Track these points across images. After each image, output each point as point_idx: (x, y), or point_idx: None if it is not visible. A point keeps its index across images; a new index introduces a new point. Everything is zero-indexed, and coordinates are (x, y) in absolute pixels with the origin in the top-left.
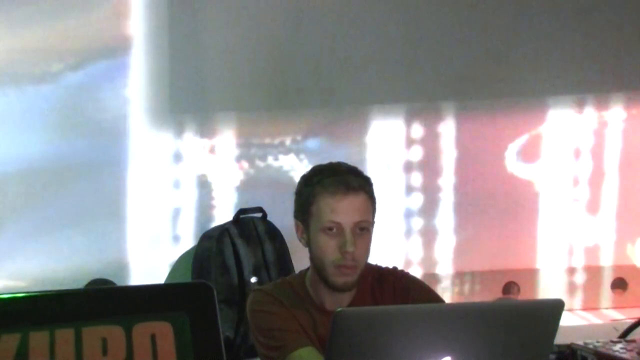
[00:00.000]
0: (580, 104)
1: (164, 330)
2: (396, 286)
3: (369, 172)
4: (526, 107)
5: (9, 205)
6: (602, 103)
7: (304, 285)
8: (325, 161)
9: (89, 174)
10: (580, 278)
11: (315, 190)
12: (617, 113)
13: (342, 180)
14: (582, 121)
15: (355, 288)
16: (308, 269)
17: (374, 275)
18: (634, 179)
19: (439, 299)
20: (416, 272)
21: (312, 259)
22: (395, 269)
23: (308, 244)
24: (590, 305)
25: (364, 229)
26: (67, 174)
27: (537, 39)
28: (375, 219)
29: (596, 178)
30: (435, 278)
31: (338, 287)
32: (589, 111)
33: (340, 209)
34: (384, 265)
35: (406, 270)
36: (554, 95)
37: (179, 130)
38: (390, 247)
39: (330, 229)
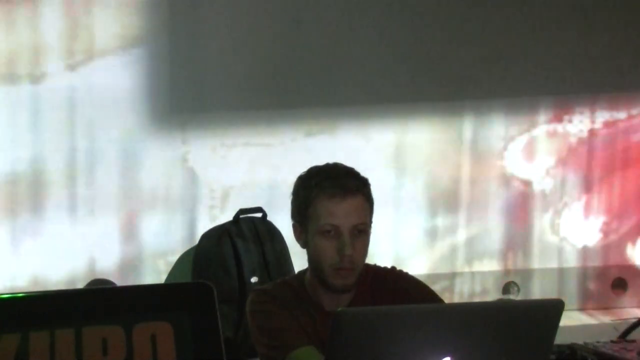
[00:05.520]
0: (581, 104)
1: (164, 330)
2: (395, 286)
3: (368, 172)
4: (526, 107)
5: (9, 204)
6: (603, 103)
7: (303, 286)
8: (325, 161)
9: (88, 174)
10: (580, 278)
11: (312, 193)
12: (617, 113)
13: (340, 182)
14: (583, 121)
15: (353, 289)
16: (307, 269)
17: (373, 276)
18: (634, 178)
19: (437, 299)
20: (416, 271)
21: (310, 260)
22: (393, 268)
23: (306, 245)
24: (591, 305)
25: (362, 230)
26: (67, 173)
27: (537, 39)
28: (373, 220)
29: (596, 177)
30: (435, 278)
31: (336, 289)
32: (590, 111)
33: (338, 212)
34: (381, 265)
35: (404, 270)
36: (554, 95)
37: (179, 130)
38: (391, 247)
39: (328, 231)
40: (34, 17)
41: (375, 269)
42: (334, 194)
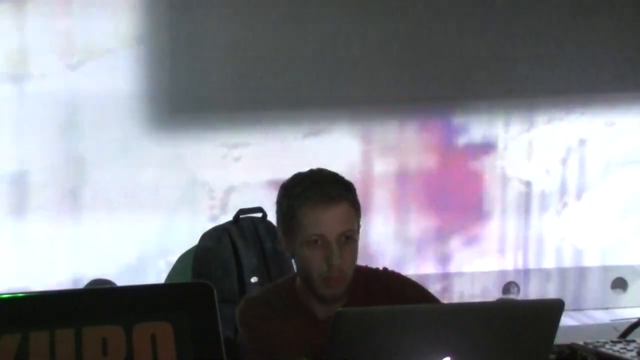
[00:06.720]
0: (582, 104)
1: (164, 331)
2: (389, 287)
3: (367, 172)
4: (526, 107)
5: (9, 204)
6: (602, 103)
7: (294, 294)
8: (325, 162)
9: (89, 174)
10: (579, 278)
11: (296, 203)
12: (618, 113)
13: (323, 190)
14: (583, 121)
15: (346, 294)
16: (297, 275)
17: (366, 278)
18: (635, 178)
19: (434, 299)
20: (416, 272)
21: (299, 270)
22: (385, 269)
23: (293, 256)
24: (591, 305)
25: (349, 237)
26: (67, 173)
27: (537, 39)
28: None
29: (596, 177)
30: (435, 278)
31: (326, 299)
32: (590, 111)
33: (323, 221)
34: (373, 266)
35: (397, 271)
36: (554, 95)
37: (179, 130)
38: (390, 247)
39: (315, 241)
40: (33, 16)
41: (367, 271)
42: (317, 203)
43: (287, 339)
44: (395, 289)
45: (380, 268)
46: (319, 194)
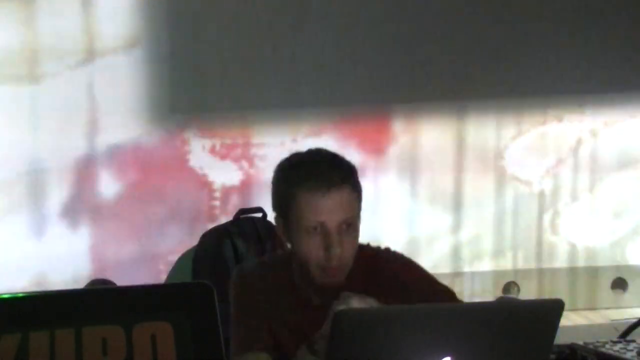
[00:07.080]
0: (581, 105)
1: (164, 331)
2: (391, 269)
3: (367, 171)
4: (526, 107)
5: (9, 204)
6: (602, 103)
7: (290, 276)
8: None
9: (88, 174)
10: (580, 278)
11: (294, 187)
12: (617, 113)
13: (323, 175)
14: (583, 121)
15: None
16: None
17: (366, 260)
18: (634, 178)
19: (435, 281)
20: None
21: (295, 257)
22: (387, 249)
23: (290, 241)
24: (590, 305)
25: (350, 224)
26: (67, 173)
27: (538, 39)
28: (362, 207)
29: (596, 177)
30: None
31: (324, 288)
32: (590, 111)
33: (323, 208)
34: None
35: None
36: (554, 95)
37: (179, 130)
38: (391, 247)
39: (315, 228)
40: (33, 17)
41: (368, 251)
42: (317, 189)
43: (261, 331)
44: (396, 272)
45: (382, 248)
46: (319, 178)
